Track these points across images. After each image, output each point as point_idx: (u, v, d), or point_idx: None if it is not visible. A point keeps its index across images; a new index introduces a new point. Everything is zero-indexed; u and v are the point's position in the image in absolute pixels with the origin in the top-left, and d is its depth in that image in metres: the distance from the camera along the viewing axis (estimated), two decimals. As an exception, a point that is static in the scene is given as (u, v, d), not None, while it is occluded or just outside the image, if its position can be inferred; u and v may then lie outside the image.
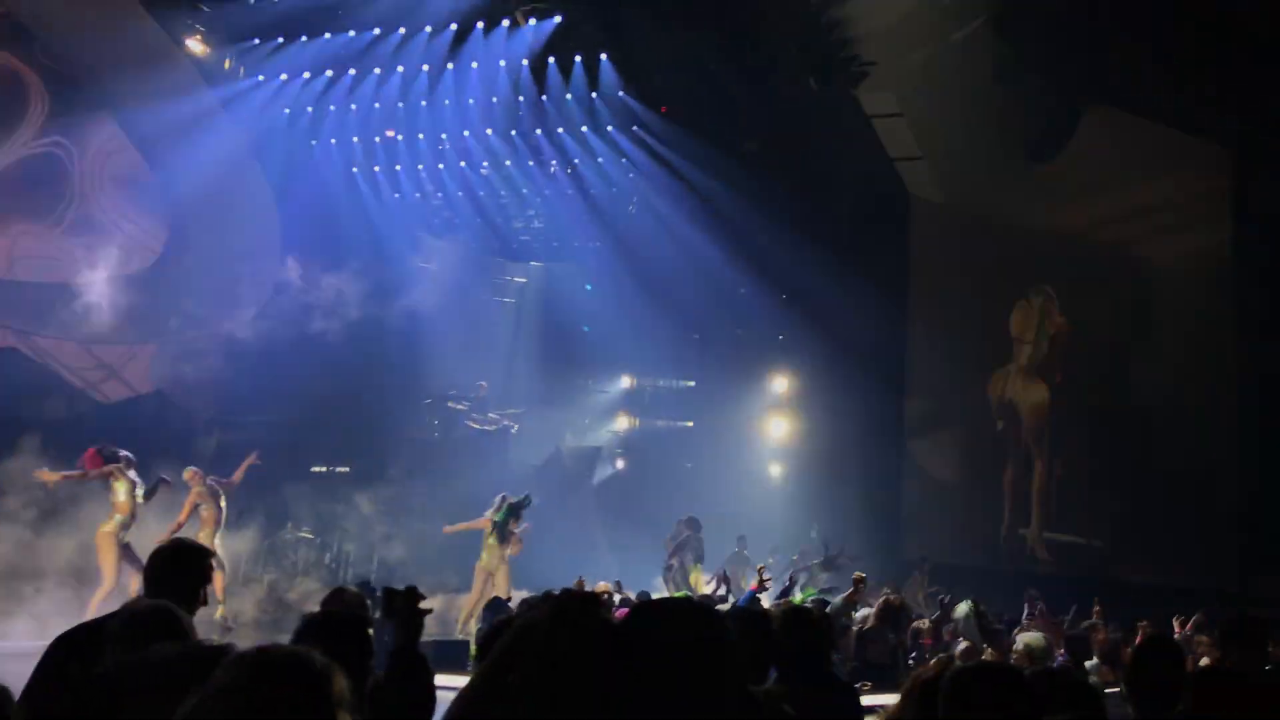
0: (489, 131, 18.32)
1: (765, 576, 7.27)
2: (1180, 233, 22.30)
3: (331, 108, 17.78)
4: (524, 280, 21.37)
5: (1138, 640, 7.72)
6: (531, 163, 18.95)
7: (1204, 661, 8.15)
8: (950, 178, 20.35)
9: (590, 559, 15.08)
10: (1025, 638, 7.01)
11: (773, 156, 18.52)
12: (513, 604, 9.01)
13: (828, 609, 7.21)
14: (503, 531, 12.34)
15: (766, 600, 7.97)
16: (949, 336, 20.63)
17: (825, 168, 18.86)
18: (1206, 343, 22.46)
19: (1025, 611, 11.45)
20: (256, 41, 16.77)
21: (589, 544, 16.70)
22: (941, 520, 20.12)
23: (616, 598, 8.61)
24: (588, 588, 8.70)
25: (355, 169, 18.91)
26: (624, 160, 18.67)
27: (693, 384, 21.89)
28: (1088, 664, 8.25)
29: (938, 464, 20.31)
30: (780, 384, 20.24)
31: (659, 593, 13.12)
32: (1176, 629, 10.12)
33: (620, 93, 17.57)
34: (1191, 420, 21.31)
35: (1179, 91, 20.11)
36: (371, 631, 3.16)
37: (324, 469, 17.01)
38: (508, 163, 18.98)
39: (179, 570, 3.62)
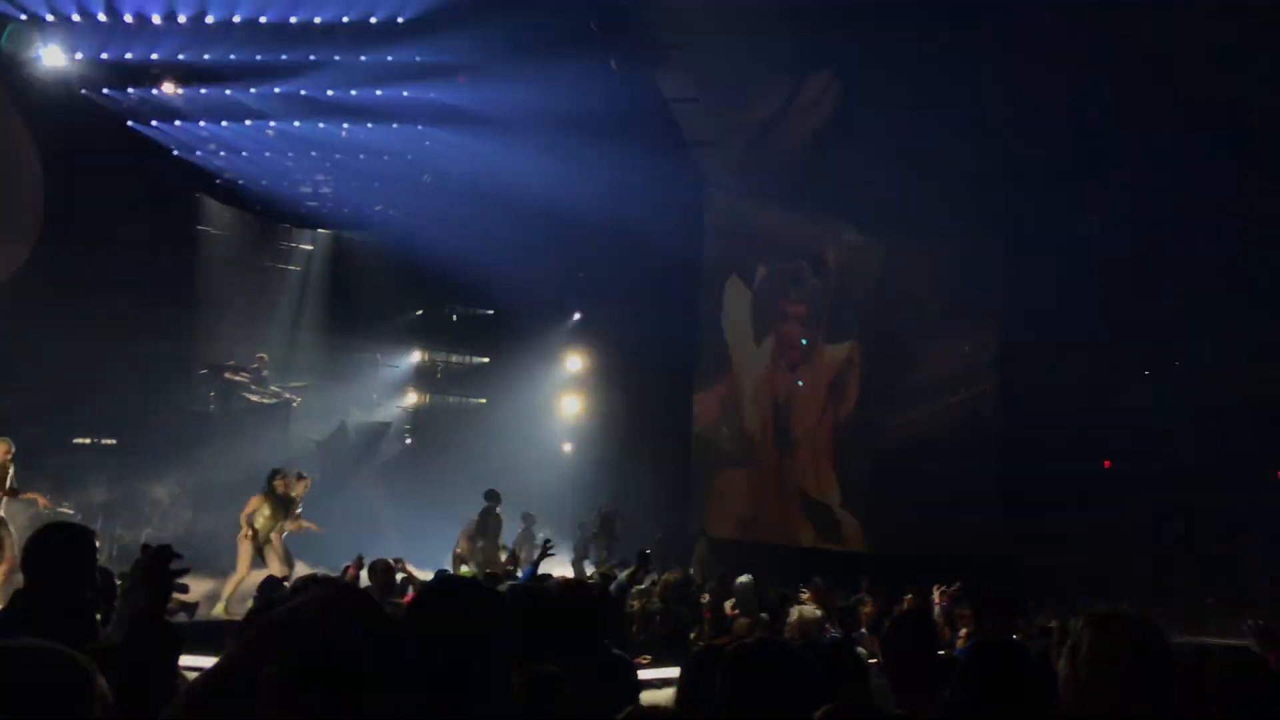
0: (276, 90, 17.49)
1: (549, 550, 7.24)
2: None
3: (104, 55, 16.53)
4: (310, 248, 20.57)
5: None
6: (322, 124, 18.22)
7: (963, 632, 8.63)
8: (746, 164, 20.80)
9: (374, 537, 14.73)
10: (799, 611, 7.23)
11: (571, 131, 18.43)
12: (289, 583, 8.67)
13: (612, 584, 7.24)
14: (278, 504, 11.70)
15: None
16: (736, 319, 21.20)
17: (623, 149, 18.93)
18: (973, 355, 24.06)
19: (800, 585, 11.85)
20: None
21: (373, 522, 16.30)
22: (726, 496, 20.69)
23: (399, 576, 8.42)
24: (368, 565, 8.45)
25: (130, 122, 17.70)
26: (419, 128, 18.22)
27: (487, 360, 21.68)
28: (856, 635, 8.62)
29: (725, 442, 20.85)
30: (574, 362, 20.30)
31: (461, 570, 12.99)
32: (936, 599, 10.72)
33: (417, 58, 17.08)
34: (958, 430, 22.83)
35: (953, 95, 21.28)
36: (100, 615, 2.81)
37: (88, 441, 15.92)
38: (296, 124, 18.19)
39: None
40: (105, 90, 16.71)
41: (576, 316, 20.37)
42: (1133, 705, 2.27)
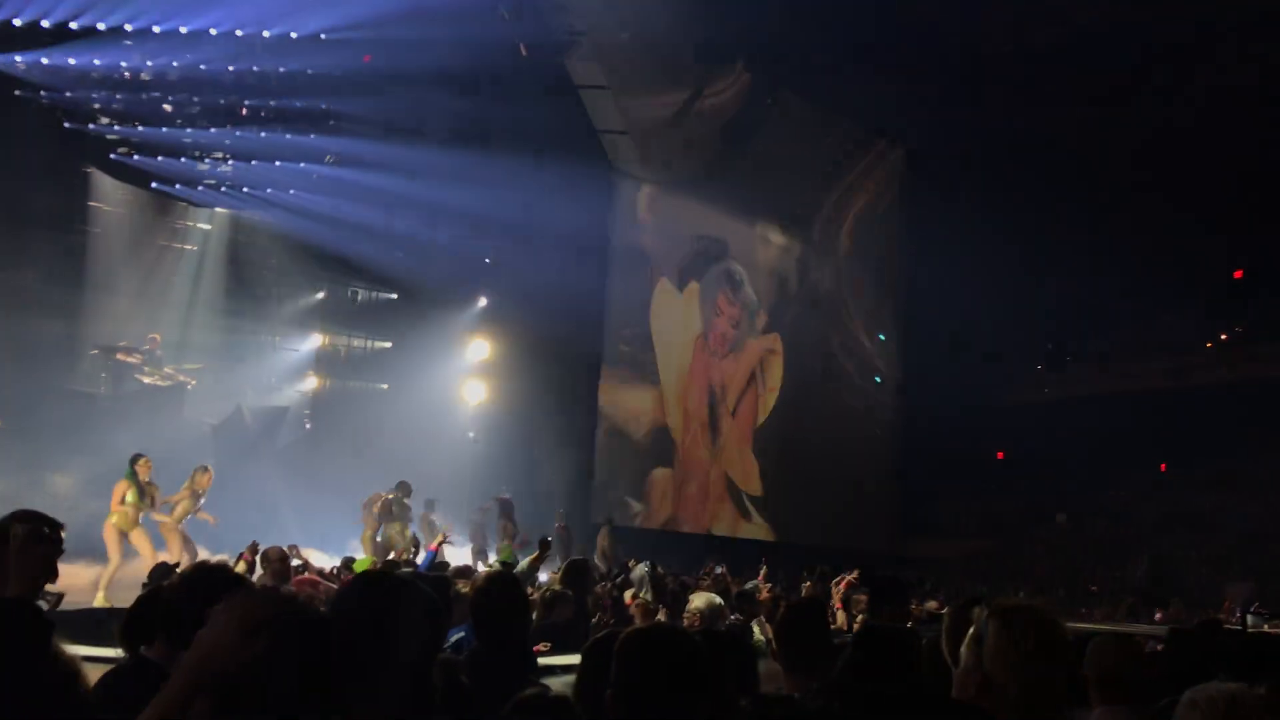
0: (175, 64, 16.98)
1: (447, 536, 7.19)
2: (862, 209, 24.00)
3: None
4: (208, 227, 20.03)
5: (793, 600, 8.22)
6: (223, 100, 17.76)
7: (859, 618, 8.80)
8: (652, 152, 20.86)
9: (271, 522, 14.48)
10: (698, 598, 7.28)
11: (480, 116, 18.28)
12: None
13: (514, 570, 7.22)
14: (141, 489, 11.26)
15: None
16: (641, 309, 21.28)
17: (531, 132, 18.82)
18: (877, 351, 24.63)
19: (700, 572, 11.98)
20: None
21: (270, 507, 15.99)
22: (630, 485, 20.80)
23: (295, 562, 8.27)
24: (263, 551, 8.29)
25: (17, 92, 17.01)
26: (323, 106, 17.88)
27: (389, 345, 21.39)
28: (754, 622, 8.73)
29: (630, 432, 20.93)
30: (479, 349, 20.12)
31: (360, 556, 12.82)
32: (834, 586, 10.97)
33: (322, 35, 16.75)
34: (860, 423, 23.26)
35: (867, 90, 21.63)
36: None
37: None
38: (195, 99, 17.70)
39: None
40: (-9, 56, 16.07)
41: (482, 302, 20.20)
42: (1034, 696, 2.30)
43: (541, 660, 4.87)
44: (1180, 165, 23.67)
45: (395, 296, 20.84)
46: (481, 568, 10.52)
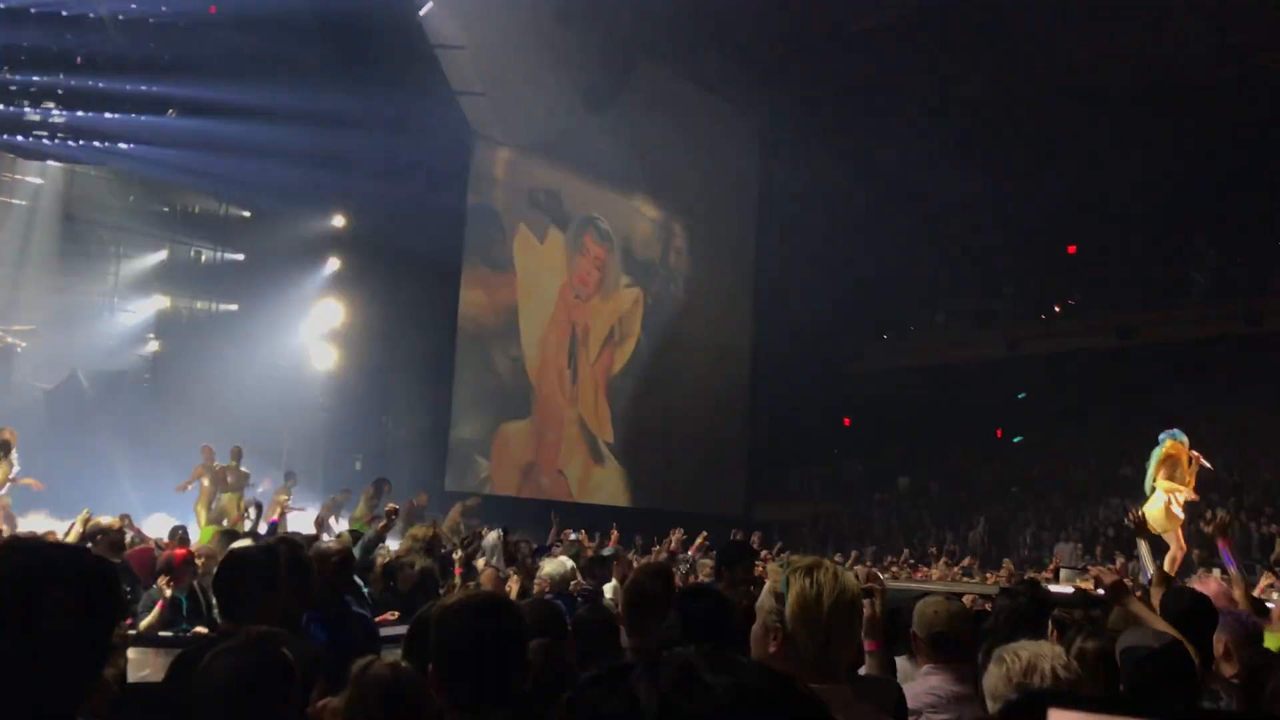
0: (2, 5, 15.95)
1: (289, 506, 7.06)
2: (715, 179, 24.26)
3: None
4: (40, 181, 18.98)
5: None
6: (56, 47, 16.78)
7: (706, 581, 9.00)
8: (510, 116, 20.64)
9: (108, 490, 13.95)
10: (548, 564, 7.35)
11: (331, 69, 17.75)
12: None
13: (360, 540, 7.14)
14: None
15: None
16: (501, 274, 21.14)
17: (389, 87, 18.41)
18: (729, 327, 25.03)
19: (551, 538, 12.04)
20: None
21: (108, 474, 15.39)
22: (483, 442, 20.71)
23: (129, 534, 7.99)
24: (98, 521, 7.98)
25: None
26: (166, 56, 17.09)
27: (235, 308, 20.71)
28: (606, 587, 8.84)
29: (487, 400, 20.82)
30: (330, 312, 19.63)
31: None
32: (676, 545, 11.29)
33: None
34: (713, 389, 23.62)
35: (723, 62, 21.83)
36: None
37: None
38: (25, 44, 16.66)
39: None
40: None
41: (334, 265, 19.70)
42: (832, 653, 2.34)
43: (385, 631, 4.87)
44: (1015, 142, 24.71)
45: (242, 257, 20.17)
46: (326, 539, 10.33)
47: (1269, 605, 5.91)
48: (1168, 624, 4.17)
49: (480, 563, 9.41)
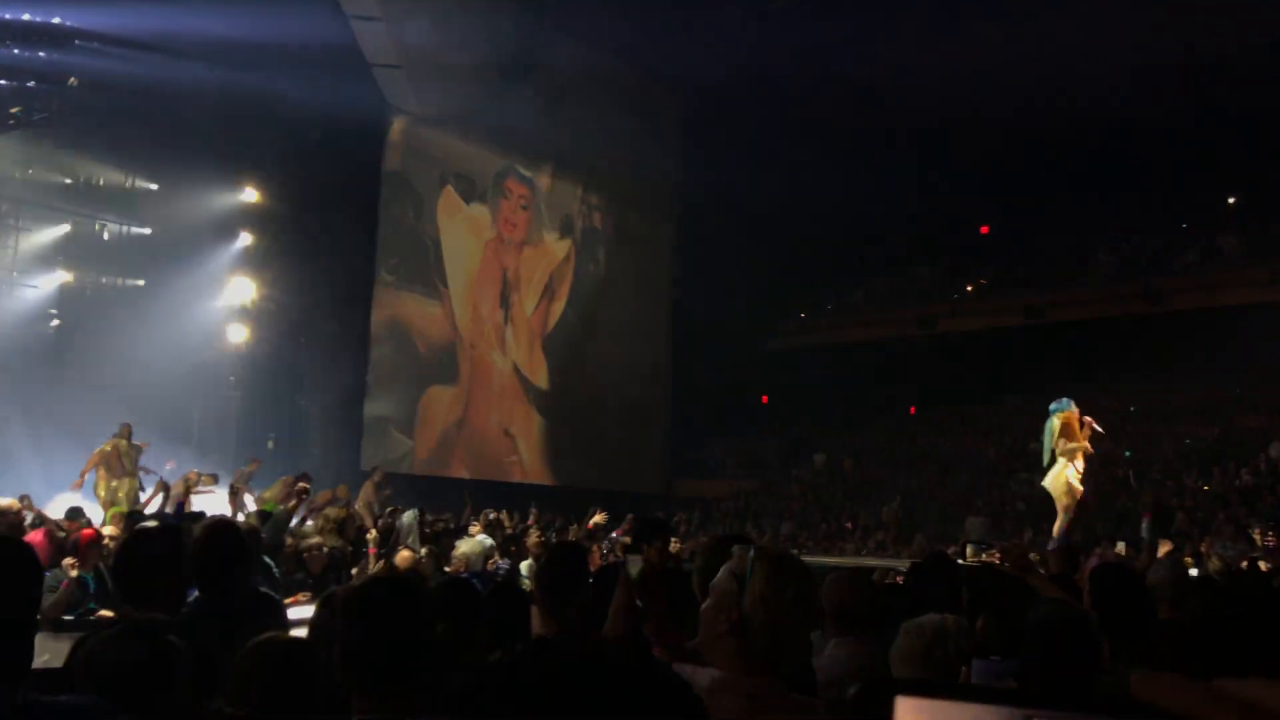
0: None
1: (193, 485, 6.91)
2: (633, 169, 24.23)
3: None
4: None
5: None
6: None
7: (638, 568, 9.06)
8: (426, 89, 20.36)
9: (8, 469, 13.57)
10: (464, 543, 7.32)
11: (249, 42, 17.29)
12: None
13: (269, 520, 7.04)
14: None
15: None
16: (419, 250, 20.92)
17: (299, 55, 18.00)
18: (648, 304, 25.08)
19: (465, 518, 12.00)
20: None
21: (8, 453, 14.98)
22: (404, 417, 20.54)
23: (29, 515, 7.75)
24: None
25: None
26: (69, 24, 16.52)
27: (141, 283, 20.13)
28: (523, 565, 8.84)
29: (406, 373, 20.63)
30: (241, 292, 19.20)
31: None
32: (618, 532, 11.29)
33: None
34: (636, 372, 23.72)
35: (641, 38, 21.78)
36: None
37: None
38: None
39: None
40: None
41: (245, 239, 19.24)
42: (784, 642, 2.33)
43: (294, 613, 4.78)
44: (934, 126, 25.09)
45: (149, 231, 19.61)
46: (241, 518, 10.15)
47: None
48: (1069, 595, 4.29)
49: (394, 541, 9.33)
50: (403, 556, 7.63)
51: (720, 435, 28.17)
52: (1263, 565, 10.96)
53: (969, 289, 28.59)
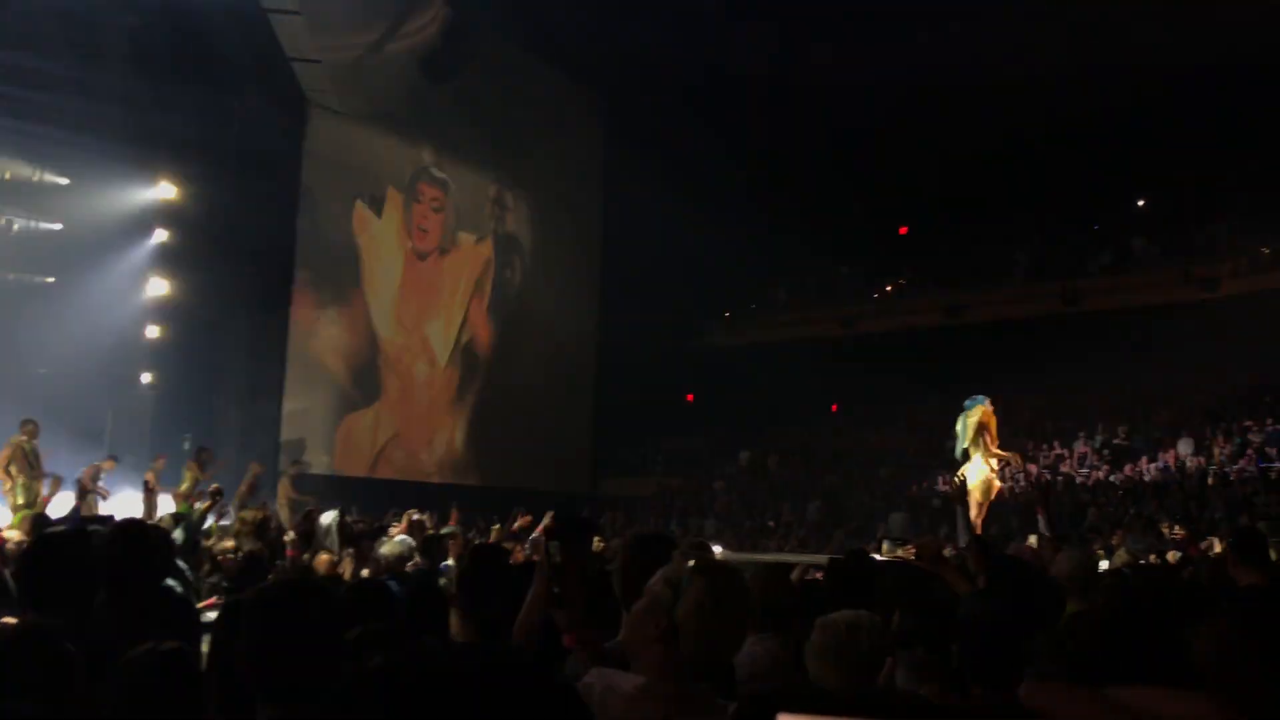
0: None
1: (89, 487, 6.73)
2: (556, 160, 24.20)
3: None
4: None
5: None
6: None
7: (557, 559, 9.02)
8: (347, 84, 20.08)
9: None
10: (384, 545, 7.23)
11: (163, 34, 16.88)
12: None
13: (182, 522, 6.89)
14: None
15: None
16: (335, 259, 20.68)
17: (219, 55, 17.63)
18: (575, 303, 25.04)
19: (389, 519, 11.88)
20: None
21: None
22: (323, 431, 20.24)
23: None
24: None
25: None
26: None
27: (51, 280, 19.56)
28: (444, 565, 8.76)
29: (319, 378, 20.33)
30: (156, 290, 18.75)
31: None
32: (538, 530, 11.25)
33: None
34: (563, 372, 23.66)
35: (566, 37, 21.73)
36: None
37: None
38: None
39: None
40: None
41: (159, 238, 18.78)
42: (713, 650, 2.31)
43: (209, 618, 4.68)
44: (854, 127, 25.46)
45: (59, 227, 19.06)
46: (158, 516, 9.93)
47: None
48: (976, 587, 4.38)
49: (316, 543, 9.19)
50: (321, 559, 7.52)
51: (647, 434, 28.23)
52: (1171, 557, 11.28)
53: (889, 289, 29.01)
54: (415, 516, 12.13)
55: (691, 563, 2.42)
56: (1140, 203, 26.81)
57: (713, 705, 2.30)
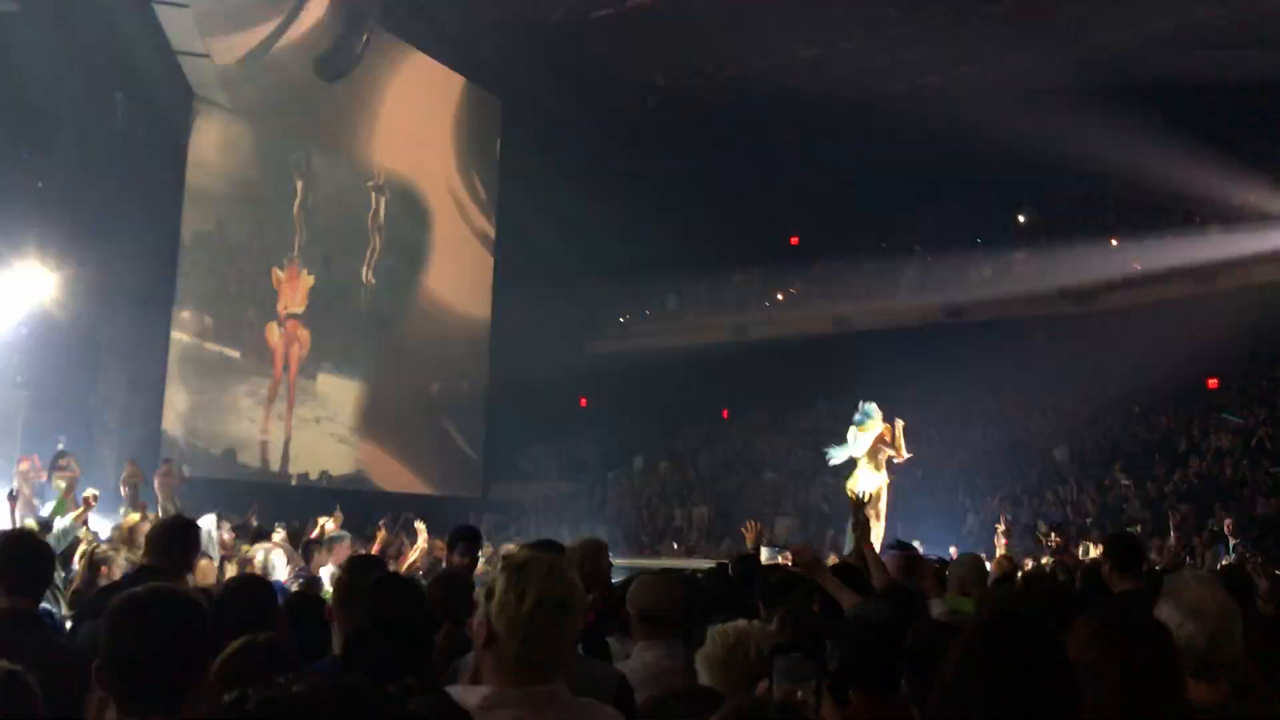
0: None
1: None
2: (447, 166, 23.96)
3: None
4: None
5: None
6: None
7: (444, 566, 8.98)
8: (238, 81, 19.60)
9: None
10: (256, 550, 7.11)
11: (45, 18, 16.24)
12: None
13: (54, 529, 6.66)
14: None
15: None
16: (221, 240, 20.19)
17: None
18: (467, 305, 24.77)
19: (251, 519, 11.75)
20: None
21: None
22: (206, 432, 19.76)
23: None
24: None
25: None
26: None
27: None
28: (324, 572, 8.63)
29: (207, 380, 19.84)
30: (32, 284, 17.93)
31: None
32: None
33: None
34: (454, 378, 23.41)
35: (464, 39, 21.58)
36: None
37: None
38: None
39: None
40: None
41: (35, 228, 18.00)
42: (533, 652, 2.25)
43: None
44: (747, 136, 25.83)
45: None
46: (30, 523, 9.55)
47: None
48: (855, 596, 4.50)
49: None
50: (202, 566, 7.31)
51: (539, 439, 28.14)
52: (1045, 561, 11.70)
53: (779, 297, 29.44)
54: (295, 523, 11.94)
55: (500, 563, 2.37)
56: (1020, 219, 27.68)
57: (567, 701, 2.29)
